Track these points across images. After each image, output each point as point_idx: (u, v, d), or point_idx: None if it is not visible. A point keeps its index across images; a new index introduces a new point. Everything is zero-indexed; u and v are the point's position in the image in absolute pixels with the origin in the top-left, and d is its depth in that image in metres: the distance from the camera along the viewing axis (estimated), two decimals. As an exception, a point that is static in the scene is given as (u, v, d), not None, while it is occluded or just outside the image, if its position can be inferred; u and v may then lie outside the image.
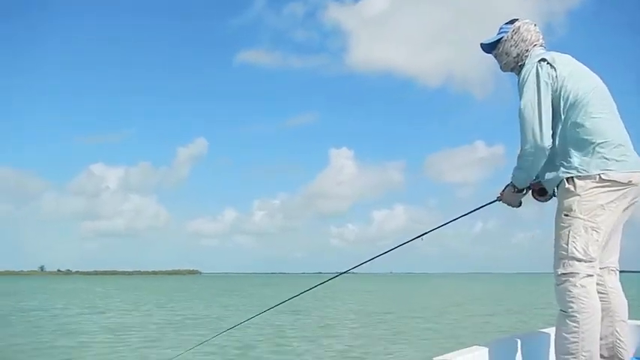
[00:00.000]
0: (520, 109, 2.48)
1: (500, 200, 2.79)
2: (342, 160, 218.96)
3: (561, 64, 2.52)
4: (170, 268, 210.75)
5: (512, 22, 2.74)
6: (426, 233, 3.11)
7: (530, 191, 2.73)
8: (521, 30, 2.68)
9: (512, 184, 2.68)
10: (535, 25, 2.73)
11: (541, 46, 2.69)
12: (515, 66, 2.70)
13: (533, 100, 2.46)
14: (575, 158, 2.44)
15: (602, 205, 2.40)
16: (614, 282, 2.58)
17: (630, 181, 2.42)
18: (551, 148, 2.47)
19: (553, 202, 2.65)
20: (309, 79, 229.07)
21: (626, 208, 2.50)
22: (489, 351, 2.64)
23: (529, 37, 2.67)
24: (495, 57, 2.79)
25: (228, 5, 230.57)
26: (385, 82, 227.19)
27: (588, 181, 2.40)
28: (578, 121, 2.45)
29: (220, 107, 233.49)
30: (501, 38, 2.73)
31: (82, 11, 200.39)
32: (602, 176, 2.39)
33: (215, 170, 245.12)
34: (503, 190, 2.76)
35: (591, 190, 2.40)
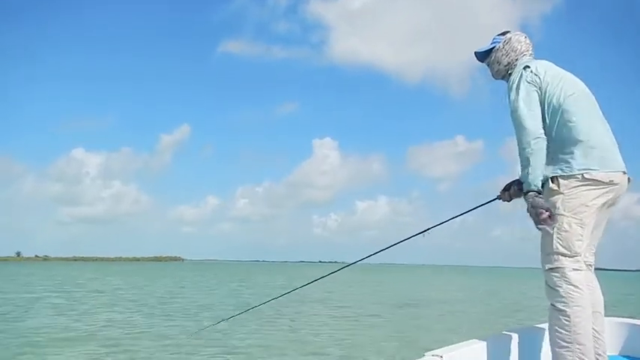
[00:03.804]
0: (511, 111, 2.59)
1: (500, 199, 2.84)
2: (326, 151, 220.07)
3: (543, 70, 2.65)
4: (152, 255, 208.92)
5: (504, 33, 2.90)
6: (429, 229, 3.11)
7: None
8: (512, 41, 2.84)
9: (521, 188, 2.61)
10: (525, 36, 2.88)
11: (530, 55, 2.83)
12: (505, 74, 2.83)
13: (523, 101, 2.56)
14: (559, 159, 2.54)
15: (585, 203, 2.48)
16: (589, 276, 2.64)
17: (612, 181, 2.50)
18: None
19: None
20: (290, 71, 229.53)
21: (608, 206, 2.61)
22: (487, 345, 2.67)
23: (519, 47, 2.82)
24: (488, 65, 2.94)
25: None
26: (366, 76, 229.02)
27: (572, 179, 2.49)
28: (561, 123, 2.55)
29: (203, 95, 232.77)
30: (493, 47, 2.88)
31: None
32: (585, 175, 2.47)
33: (198, 157, 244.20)
34: (505, 190, 2.79)
35: (575, 189, 2.48)
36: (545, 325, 2.72)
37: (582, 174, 2.47)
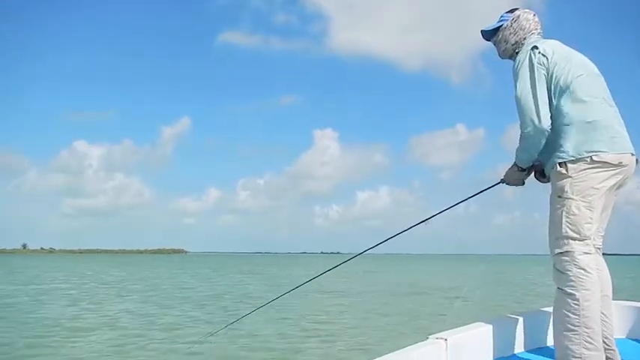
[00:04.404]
0: (516, 95, 2.51)
1: (503, 182, 2.81)
2: (326, 141, 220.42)
3: (551, 51, 2.56)
4: (155, 247, 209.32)
5: (512, 10, 2.79)
6: (432, 217, 3.10)
7: (533, 172, 2.74)
8: (521, 19, 2.74)
9: (515, 165, 2.70)
10: (534, 14, 2.77)
11: (538, 34, 2.73)
12: (512, 53, 2.73)
13: (529, 84, 2.49)
14: (567, 142, 2.47)
15: (594, 186, 2.43)
16: (598, 260, 2.59)
17: (621, 162, 2.45)
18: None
19: (544, 187, 2.72)
20: (289, 62, 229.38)
21: (617, 188, 2.55)
22: (492, 328, 2.64)
23: (527, 25, 2.72)
24: (494, 44, 2.84)
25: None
26: (366, 66, 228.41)
27: (580, 163, 2.43)
28: (569, 105, 2.48)
29: (203, 88, 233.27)
30: (501, 26, 2.78)
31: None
32: (594, 157, 2.42)
33: (199, 149, 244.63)
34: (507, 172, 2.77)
35: (583, 172, 2.43)
36: (551, 309, 2.69)
37: (591, 156, 2.42)
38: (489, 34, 2.85)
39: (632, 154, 2.52)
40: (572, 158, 2.44)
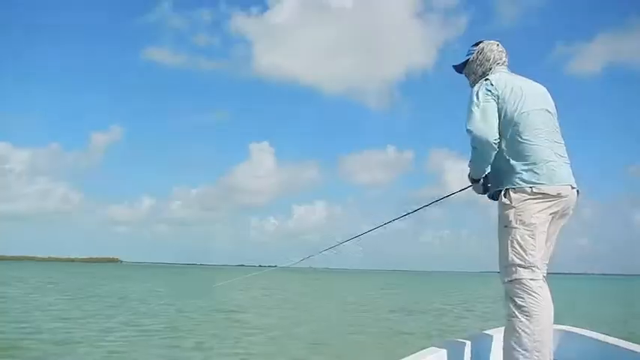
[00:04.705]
0: (466, 119, 2.68)
1: (472, 186, 2.99)
2: (262, 155, 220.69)
3: (503, 84, 2.72)
4: (86, 255, 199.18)
5: (477, 44, 2.98)
6: (364, 233, 3.28)
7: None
8: (485, 50, 2.93)
9: (469, 176, 2.93)
10: (498, 44, 2.96)
11: (503, 64, 2.92)
12: None
13: (476, 104, 2.66)
14: (509, 174, 2.65)
15: (535, 215, 2.59)
16: (545, 287, 2.67)
17: (559, 194, 2.63)
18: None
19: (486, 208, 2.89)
20: (219, 80, 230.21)
21: (559, 217, 2.73)
22: (447, 353, 2.67)
23: (492, 56, 2.91)
24: (466, 76, 3.03)
25: (136, 3, 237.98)
26: (290, 89, 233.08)
27: (522, 193, 2.60)
28: (513, 139, 2.65)
29: (134, 98, 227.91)
30: (468, 59, 2.98)
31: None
32: (534, 189, 2.59)
33: (128, 159, 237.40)
34: (480, 182, 2.95)
35: (525, 202, 2.59)
36: (496, 331, 2.82)
37: (531, 188, 2.59)
38: (460, 68, 3.06)
39: (572, 187, 2.71)
40: (514, 187, 2.63)
